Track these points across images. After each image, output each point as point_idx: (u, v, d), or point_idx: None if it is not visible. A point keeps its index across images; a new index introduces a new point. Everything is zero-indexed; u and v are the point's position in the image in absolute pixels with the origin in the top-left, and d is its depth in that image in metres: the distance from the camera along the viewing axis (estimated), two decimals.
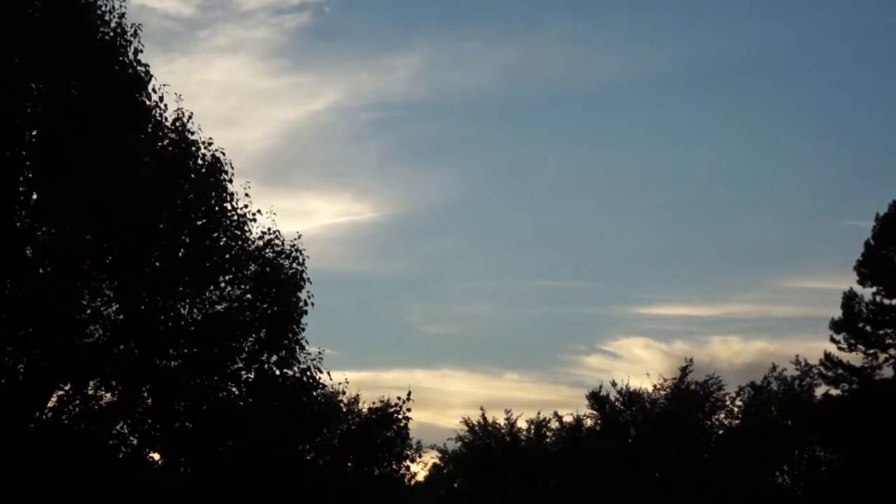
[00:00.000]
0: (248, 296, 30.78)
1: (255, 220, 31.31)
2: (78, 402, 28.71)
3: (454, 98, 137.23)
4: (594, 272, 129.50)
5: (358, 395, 59.53)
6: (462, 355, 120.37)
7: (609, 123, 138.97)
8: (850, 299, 58.83)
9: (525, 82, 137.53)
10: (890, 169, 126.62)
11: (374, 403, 48.01)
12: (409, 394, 42.52)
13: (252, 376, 30.70)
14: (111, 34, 29.13)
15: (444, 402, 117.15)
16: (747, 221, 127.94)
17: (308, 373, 31.43)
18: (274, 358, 30.87)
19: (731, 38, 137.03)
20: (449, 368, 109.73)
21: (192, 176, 30.27)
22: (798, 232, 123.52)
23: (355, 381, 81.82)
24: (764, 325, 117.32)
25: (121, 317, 28.89)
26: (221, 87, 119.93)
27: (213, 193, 30.55)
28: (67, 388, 28.48)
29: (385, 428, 46.29)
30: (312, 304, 31.64)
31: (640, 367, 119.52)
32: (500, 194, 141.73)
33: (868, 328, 58.13)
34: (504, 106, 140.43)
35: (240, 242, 30.95)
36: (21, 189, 27.95)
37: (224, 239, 30.69)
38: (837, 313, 58.61)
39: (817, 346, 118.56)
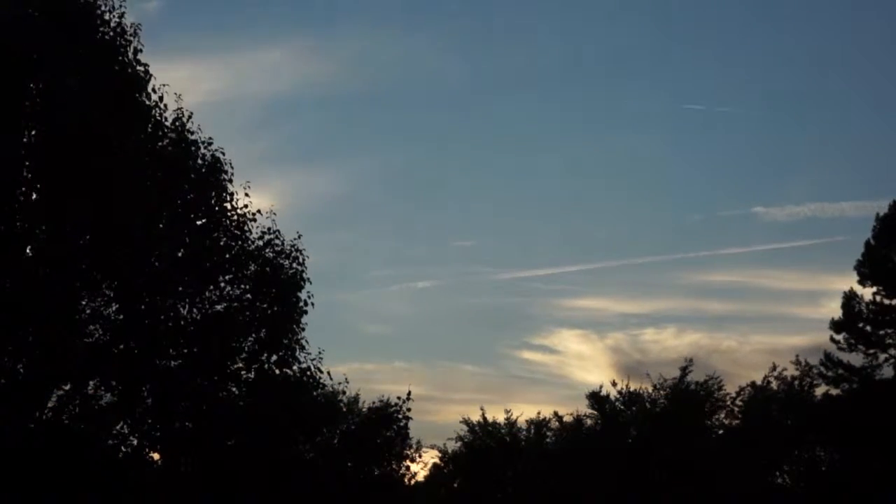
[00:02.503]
0: (248, 296, 30.75)
1: (255, 220, 31.31)
2: (78, 402, 28.69)
3: (330, 93, 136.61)
4: (511, 265, 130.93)
5: (358, 395, 59.69)
6: (404, 350, 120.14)
7: (512, 114, 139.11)
8: (850, 299, 58.87)
9: (405, 78, 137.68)
10: (798, 155, 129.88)
11: (373, 403, 48.06)
12: (409, 393, 42.41)
13: (252, 376, 30.68)
14: (111, 34, 29.12)
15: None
16: (665, 209, 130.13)
17: (308, 373, 31.43)
18: (274, 358, 30.85)
19: (614, 26, 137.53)
20: (401, 361, 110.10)
21: (192, 176, 30.24)
22: (715, 221, 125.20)
23: None
24: (695, 318, 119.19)
25: (121, 317, 28.87)
26: None
27: (213, 193, 30.53)
28: (67, 388, 28.46)
29: (385, 428, 46.27)
30: (312, 304, 31.67)
31: (587, 362, 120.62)
32: (396, 189, 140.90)
33: (868, 328, 58.17)
34: (385, 101, 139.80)
35: (240, 242, 30.92)
36: (21, 189, 27.94)
37: (224, 239, 30.66)
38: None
39: (752, 340, 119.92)
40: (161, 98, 29.82)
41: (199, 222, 30.22)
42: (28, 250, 27.85)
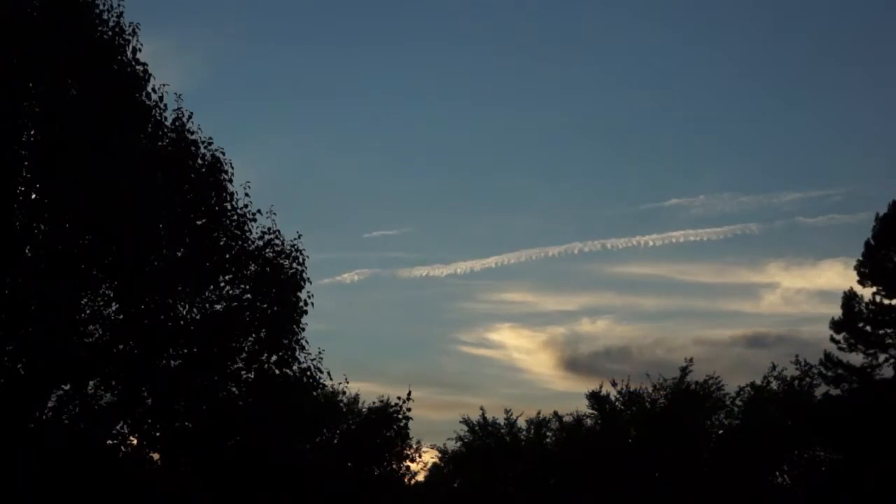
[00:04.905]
0: (248, 296, 30.72)
1: (255, 220, 31.29)
2: (78, 402, 28.68)
3: (223, 81, 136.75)
4: (434, 257, 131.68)
5: (358, 395, 59.81)
6: (340, 346, 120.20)
7: (430, 102, 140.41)
8: (850, 299, 58.86)
9: (305, 62, 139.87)
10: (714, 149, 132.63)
11: (373, 403, 48.16)
12: (409, 393, 42.45)
13: (252, 376, 30.65)
14: (109, 33, 29.11)
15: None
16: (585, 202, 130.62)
17: (308, 373, 31.39)
18: (274, 358, 30.82)
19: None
20: (337, 358, 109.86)
21: (192, 176, 30.23)
22: (636, 214, 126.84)
23: None
24: (628, 310, 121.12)
25: (121, 317, 28.86)
26: None
27: (213, 193, 30.51)
28: (67, 388, 28.45)
29: (385, 428, 46.31)
30: (312, 304, 31.65)
31: (530, 356, 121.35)
32: (306, 177, 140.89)
33: (868, 328, 58.16)
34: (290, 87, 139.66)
35: (240, 242, 30.90)
36: (21, 189, 27.94)
37: (224, 239, 30.64)
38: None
39: (683, 332, 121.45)
40: (161, 98, 29.84)
41: (199, 222, 30.19)
42: (28, 250, 27.82)
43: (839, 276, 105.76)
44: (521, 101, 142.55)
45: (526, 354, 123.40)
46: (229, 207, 30.83)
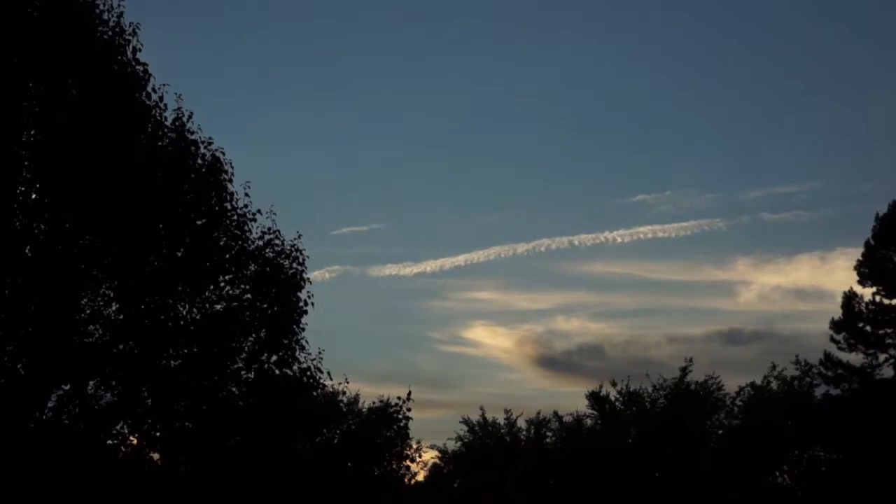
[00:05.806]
0: (248, 296, 30.73)
1: (255, 220, 31.30)
2: (78, 402, 28.68)
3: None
4: (402, 255, 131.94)
5: (358, 395, 59.79)
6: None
7: (398, 96, 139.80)
8: (850, 299, 58.91)
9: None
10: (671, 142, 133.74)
11: (374, 403, 48.19)
12: (409, 393, 42.44)
13: (252, 376, 30.67)
14: (109, 33, 29.12)
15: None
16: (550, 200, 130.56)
17: (308, 373, 31.41)
18: (274, 358, 30.83)
19: None
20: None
21: (192, 176, 30.23)
22: (603, 211, 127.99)
23: None
24: (600, 308, 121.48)
25: (121, 317, 28.88)
26: None
27: (213, 193, 30.52)
28: (67, 388, 28.45)
29: (385, 428, 46.33)
30: (312, 304, 31.65)
31: (508, 354, 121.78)
32: (259, 178, 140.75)
33: (868, 328, 58.22)
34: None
35: (240, 242, 30.90)
36: (21, 189, 27.94)
37: (224, 239, 30.64)
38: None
39: (657, 329, 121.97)
40: (161, 98, 29.83)
41: (199, 222, 30.19)
42: (28, 250, 27.83)
43: (815, 271, 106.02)
44: (489, 98, 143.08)
45: (503, 353, 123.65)
46: (229, 207, 30.82)
